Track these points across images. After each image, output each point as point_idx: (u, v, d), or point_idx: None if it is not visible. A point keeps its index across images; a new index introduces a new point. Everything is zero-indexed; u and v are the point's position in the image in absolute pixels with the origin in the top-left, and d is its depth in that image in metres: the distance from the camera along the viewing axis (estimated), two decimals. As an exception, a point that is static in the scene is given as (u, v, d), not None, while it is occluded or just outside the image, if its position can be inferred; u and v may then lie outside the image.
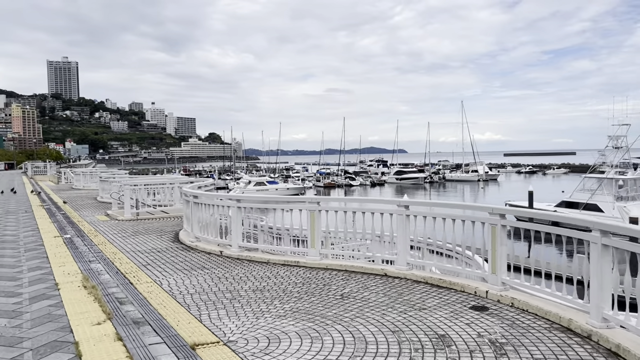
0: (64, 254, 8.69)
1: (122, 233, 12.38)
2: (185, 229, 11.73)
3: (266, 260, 8.68)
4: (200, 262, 8.79)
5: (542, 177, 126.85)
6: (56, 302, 5.82)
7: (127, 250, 9.96)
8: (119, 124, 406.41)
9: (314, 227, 8.28)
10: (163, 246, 10.51)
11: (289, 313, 5.85)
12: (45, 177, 45.79)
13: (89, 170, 34.30)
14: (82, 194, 25.95)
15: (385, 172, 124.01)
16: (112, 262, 8.68)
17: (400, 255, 7.47)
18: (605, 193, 42.32)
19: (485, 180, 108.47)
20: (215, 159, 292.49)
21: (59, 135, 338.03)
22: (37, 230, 11.71)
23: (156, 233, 12.38)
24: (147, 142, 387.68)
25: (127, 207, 15.39)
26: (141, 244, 10.82)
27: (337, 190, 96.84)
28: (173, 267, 8.42)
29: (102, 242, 10.85)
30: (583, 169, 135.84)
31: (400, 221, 7.41)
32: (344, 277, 7.52)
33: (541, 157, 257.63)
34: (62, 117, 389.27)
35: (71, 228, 12.75)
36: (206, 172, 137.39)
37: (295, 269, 8.09)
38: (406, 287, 6.85)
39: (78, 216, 15.84)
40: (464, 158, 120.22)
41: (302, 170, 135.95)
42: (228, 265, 8.50)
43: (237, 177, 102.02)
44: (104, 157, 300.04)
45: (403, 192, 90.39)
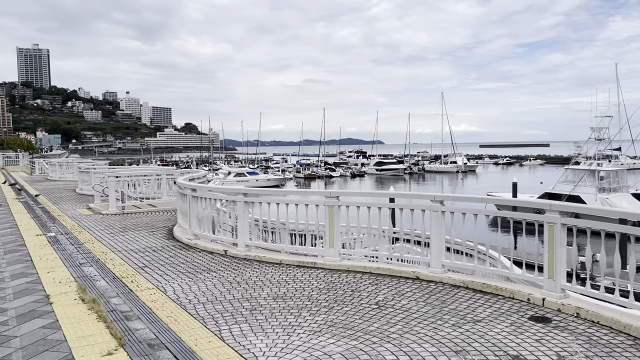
0: (51, 256, 7.66)
1: (109, 229, 11.36)
2: (180, 225, 10.78)
3: (278, 261, 7.83)
4: (203, 264, 7.90)
5: (519, 168, 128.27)
6: (51, 321, 4.81)
7: (119, 250, 8.99)
8: (93, 114, 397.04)
9: (332, 224, 7.46)
10: (158, 244, 9.56)
11: (324, 327, 5.03)
12: (17, 167, 43.79)
13: (65, 161, 32.74)
14: (59, 185, 24.56)
15: (365, 163, 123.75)
16: (105, 264, 7.72)
17: (434, 256, 6.71)
18: (587, 185, 42.54)
19: (464, 171, 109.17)
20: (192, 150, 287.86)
21: (30, 125, 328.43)
22: (16, 227, 10.58)
23: (147, 229, 11.39)
24: (122, 132, 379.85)
25: (112, 201, 14.30)
26: (133, 241, 9.84)
27: (317, 182, 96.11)
28: (174, 270, 7.51)
29: (89, 240, 9.83)
30: (558, 160, 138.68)
31: (435, 218, 6.64)
32: (371, 281, 6.73)
33: (516, 148, 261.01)
34: (32, 106, 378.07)
35: (53, 224, 11.65)
36: (183, 162, 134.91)
37: (314, 272, 7.27)
38: (446, 294, 6.10)
39: (58, 210, 14.69)
40: (443, 149, 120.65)
41: (282, 161, 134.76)
42: (236, 267, 7.63)
43: (216, 168, 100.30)
44: (77, 147, 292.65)
45: (383, 183, 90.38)
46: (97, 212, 14.47)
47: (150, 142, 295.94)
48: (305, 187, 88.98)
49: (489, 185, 78.73)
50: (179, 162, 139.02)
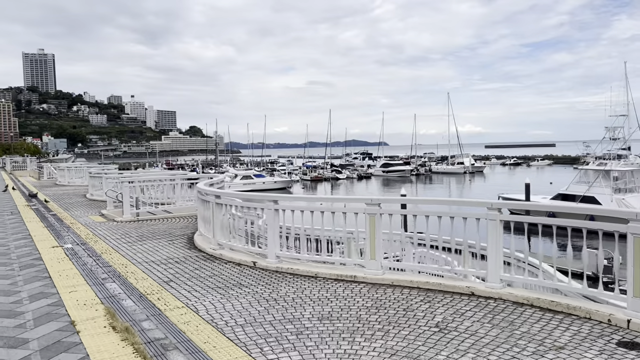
0: (70, 271, 7.06)
1: (125, 238, 10.79)
2: (201, 233, 10.20)
3: (313, 274, 7.22)
4: (233, 277, 7.30)
5: (527, 168, 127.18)
6: (80, 356, 4.18)
7: (139, 261, 8.41)
8: (98, 118, 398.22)
9: (374, 233, 6.85)
10: (179, 255, 8.98)
11: (387, 357, 4.42)
12: (25, 172, 43.42)
13: (74, 165, 32.26)
14: (68, 190, 24.08)
15: (371, 164, 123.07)
16: (127, 279, 7.13)
17: (491, 270, 6.09)
18: (602, 185, 41.76)
19: (471, 172, 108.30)
20: (197, 153, 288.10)
21: (36, 129, 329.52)
22: (30, 237, 10.01)
23: (165, 237, 10.81)
24: (127, 135, 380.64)
25: (126, 207, 13.74)
26: (152, 252, 9.26)
27: (324, 184, 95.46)
28: (202, 285, 6.92)
29: (107, 251, 9.26)
30: (566, 160, 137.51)
31: (492, 227, 6.02)
32: (422, 298, 6.12)
33: (522, 148, 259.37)
34: (38, 111, 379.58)
35: (67, 233, 11.08)
36: (189, 165, 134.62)
37: (355, 287, 6.66)
38: (511, 313, 5.47)
39: (70, 217, 14.15)
40: (449, 150, 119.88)
41: (287, 163, 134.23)
42: (269, 281, 7.03)
43: (222, 171, 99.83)
44: (83, 151, 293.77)
45: (390, 185, 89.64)
46: (110, 219, 13.92)
47: (155, 145, 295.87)
48: (312, 189, 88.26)
49: (498, 186, 77.79)
50: (184, 165, 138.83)
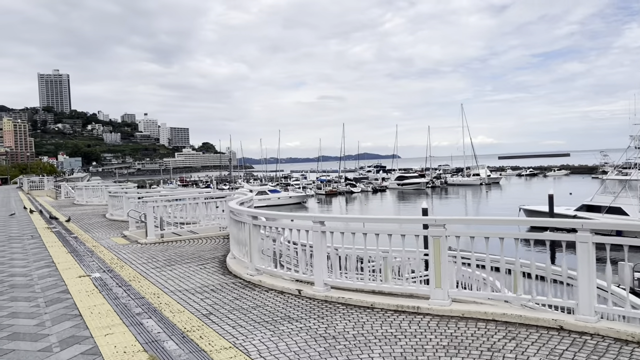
0: (102, 307, 6.32)
1: (153, 262, 10.11)
2: (234, 256, 9.49)
3: (369, 305, 6.45)
4: (279, 308, 6.56)
5: (543, 179, 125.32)
6: None
7: (172, 290, 7.70)
8: (112, 136, 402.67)
9: (439, 258, 6.08)
10: (214, 282, 8.26)
11: (493, 416, 3.63)
12: (42, 192, 43.23)
13: (91, 184, 31.89)
14: (87, 210, 23.58)
15: (385, 177, 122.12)
16: (162, 312, 6.42)
17: (584, 300, 5.28)
18: (629, 195, 40.53)
19: (487, 184, 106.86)
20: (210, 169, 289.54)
21: (52, 149, 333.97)
22: (53, 264, 9.36)
23: (195, 261, 10.12)
24: (141, 153, 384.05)
25: (150, 228, 13.10)
26: (184, 278, 8.56)
27: (339, 198, 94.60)
28: (247, 318, 6.18)
29: (135, 278, 8.57)
30: (583, 170, 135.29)
31: (584, 250, 5.23)
32: (503, 333, 5.31)
33: (536, 159, 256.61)
34: (54, 130, 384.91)
35: (91, 258, 10.43)
36: (203, 182, 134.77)
37: (421, 320, 5.88)
38: (619, 355, 4.65)
39: (92, 240, 13.53)
40: (464, 162, 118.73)
41: (301, 178, 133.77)
42: (320, 313, 6.27)
43: (236, 187, 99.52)
44: (98, 169, 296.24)
45: (405, 198, 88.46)
46: (133, 241, 13.29)
47: (169, 162, 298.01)
48: (327, 204, 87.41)
49: (516, 197, 76.23)
50: (198, 181, 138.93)
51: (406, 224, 6.59)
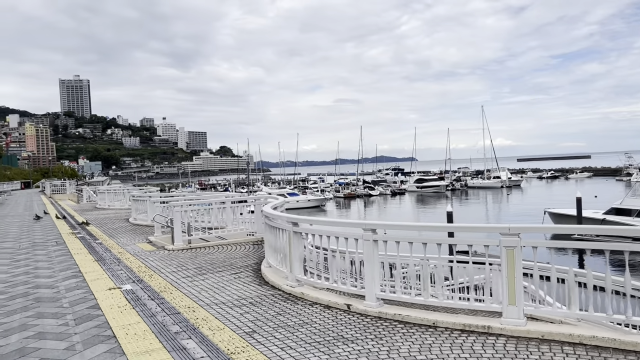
0: (137, 326, 5.64)
1: (183, 271, 9.54)
2: (270, 265, 8.88)
3: (431, 323, 5.76)
4: (329, 326, 5.90)
5: (565, 181, 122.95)
6: None
7: (208, 303, 7.10)
8: (131, 140, 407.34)
9: (512, 271, 5.37)
10: (252, 293, 7.64)
11: None
12: (64, 195, 43.30)
13: (113, 188, 31.66)
14: (109, 214, 23.25)
15: (404, 180, 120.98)
16: (200, 330, 5.81)
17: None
18: (662, 198, 39.11)
19: (508, 186, 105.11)
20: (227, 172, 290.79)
21: (72, 153, 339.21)
22: (81, 274, 8.82)
23: (227, 270, 9.52)
24: (159, 157, 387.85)
25: (177, 234, 12.56)
26: (219, 289, 7.96)
27: (357, 201, 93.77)
28: (295, 338, 5.54)
29: (166, 289, 8.00)
30: (606, 172, 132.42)
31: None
32: None
33: (555, 161, 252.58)
34: (74, 135, 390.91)
35: (118, 266, 9.90)
36: (221, 185, 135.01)
37: (494, 342, 5.17)
38: None
39: (117, 245, 13.06)
40: (485, 164, 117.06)
41: (319, 181, 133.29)
42: (377, 333, 5.60)
43: (254, 190, 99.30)
44: (117, 173, 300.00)
45: (425, 202, 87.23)
46: (160, 247, 12.78)
47: (187, 166, 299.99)
48: (345, 207, 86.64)
49: (538, 200, 74.57)
50: (217, 185, 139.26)
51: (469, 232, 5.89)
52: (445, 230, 5.83)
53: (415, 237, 6.02)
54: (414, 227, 6.04)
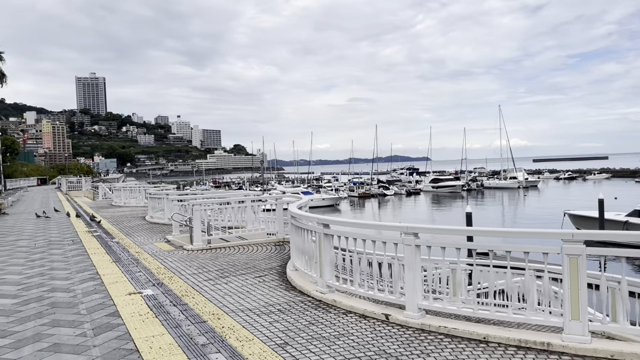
0: (161, 338, 5.06)
1: (204, 273, 9.09)
2: (296, 268, 8.39)
3: (482, 337, 5.22)
4: (368, 339, 5.39)
5: (583, 182, 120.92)
6: None
7: (233, 310, 6.62)
8: (146, 138, 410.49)
9: (576, 282, 4.82)
10: (279, 299, 7.16)
11: None
12: (80, 192, 43.30)
13: (129, 186, 31.46)
14: (125, 212, 22.97)
15: (419, 180, 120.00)
16: (227, 340, 5.34)
17: None
18: (689, 201, 38.01)
19: (525, 187, 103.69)
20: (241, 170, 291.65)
21: (88, 150, 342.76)
22: (99, 277, 8.39)
23: (251, 272, 9.06)
24: (174, 154, 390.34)
25: (197, 234, 12.14)
26: (243, 294, 7.48)
27: (371, 201, 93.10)
28: (332, 352, 5.03)
29: (188, 292, 7.55)
30: (625, 173, 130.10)
31: None
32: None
33: (572, 162, 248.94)
34: (90, 132, 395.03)
35: (137, 267, 9.49)
36: (235, 183, 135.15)
37: (558, 361, 4.63)
38: None
39: (134, 245, 12.67)
40: (502, 164, 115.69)
41: (333, 180, 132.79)
42: (422, 347, 5.08)
43: (268, 189, 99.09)
44: (132, 170, 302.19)
45: (441, 202, 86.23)
46: (178, 246, 12.37)
47: (201, 164, 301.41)
48: (359, 206, 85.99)
49: (556, 202, 73.21)
50: (231, 183, 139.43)
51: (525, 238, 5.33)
52: (498, 236, 5.27)
53: (462, 243, 5.48)
54: (461, 231, 5.49)
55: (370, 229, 6.49)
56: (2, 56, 39.45)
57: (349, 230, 6.88)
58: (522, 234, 5.14)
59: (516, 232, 5.21)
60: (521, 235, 5.10)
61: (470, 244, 5.34)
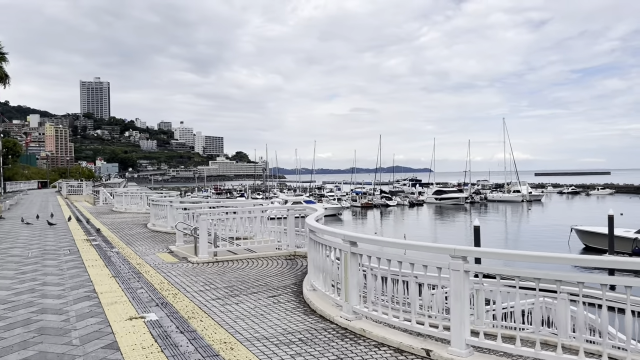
0: None
1: (211, 290, 8.26)
2: (314, 288, 7.56)
3: (547, 384, 4.38)
4: (410, 382, 4.56)
5: (586, 198, 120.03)
6: None
7: (247, 337, 5.79)
8: (148, 143, 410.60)
9: None
10: (298, 325, 6.31)
11: None
12: (80, 197, 42.50)
13: (130, 191, 30.67)
14: (126, 219, 22.15)
15: (422, 191, 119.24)
16: (246, 380, 4.51)
17: None
18: (700, 218, 37.18)
19: (529, 201, 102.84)
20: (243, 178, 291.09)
21: (90, 154, 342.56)
22: (95, 295, 7.50)
23: (263, 290, 8.22)
24: (176, 160, 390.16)
25: (203, 245, 11.31)
26: (257, 317, 6.64)
27: (374, 211, 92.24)
28: (371, 399, 4.20)
29: (195, 314, 6.71)
30: (629, 189, 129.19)
31: None
32: None
33: (574, 176, 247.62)
34: (93, 136, 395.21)
35: (138, 282, 8.65)
36: (237, 190, 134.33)
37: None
38: None
39: (135, 255, 11.84)
40: (505, 177, 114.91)
41: (335, 189, 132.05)
42: (478, 396, 4.24)
43: (269, 197, 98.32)
44: (133, 175, 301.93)
45: (444, 214, 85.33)
46: (182, 258, 11.54)
47: (203, 170, 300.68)
48: (362, 216, 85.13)
49: (561, 216, 72.34)
50: (232, 190, 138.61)
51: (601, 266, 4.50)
52: (569, 263, 4.45)
53: (524, 272, 4.65)
54: (522, 256, 4.65)
55: (408, 250, 5.66)
56: (6, 57, 38.79)
57: (381, 250, 6.05)
58: (603, 262, 4.30)
59: (593, 260, 4.36)
60: (601, 264, 4.27)
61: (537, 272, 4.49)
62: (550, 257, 4.33)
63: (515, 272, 4.67)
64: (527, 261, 4.54)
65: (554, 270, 4.50)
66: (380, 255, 6.00)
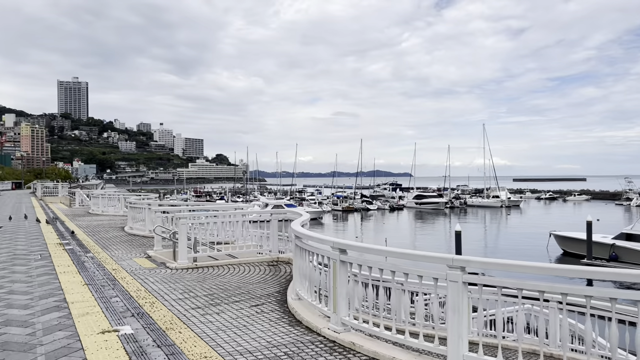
0: None
1: (190, 298, 7.84)
2: (299, 297, 7.20)
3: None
4: (406, 402, 4.24)
5: (563, 203, 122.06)
6: None
7: (229, 352, 5.41)
8: (127, 144, 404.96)
9: None
10: (283, 338, 5.95)
11: None
12: (56, 198, 41.35)
13: (108, 193, 29.87)
14: (103, 221, 21.48)
15: (402, 196, 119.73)
16: (228, 401, 4.13)
17: None
18: (674, 224, 37.98)
19: (508, 206, 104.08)
20: (223, 180, 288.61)
21: (67, 155, 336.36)
22: (66, 305, 6.99)
23: (245, 299, 7.83)
24: (155, 162, 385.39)
25: (182, 250, 10.85)
26: (240, 329, 6.26)
27: (354, 215, 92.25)
28: (366, 422, 3.87)
29: (173, 325, 6.30)
30: (605, 195, 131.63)
31: None
32: None
33: (551, 182, 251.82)
34: (70, 137, 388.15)
35: (113, 289, 8.17)
36: (217, 193, 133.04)
37: None
38: None
39: (111, 260, 11.33)
40: (484, 183, 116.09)
41: (316, 193, 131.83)
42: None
43: (250, 200, 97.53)
44: (112, 177, 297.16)
45: (423, 218, 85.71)
46: (160, 264, 11.07)
47: (182, 172, 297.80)
48: (343, 220, 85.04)
49: (539, 222, 73.32)
50: (212, 192, 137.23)
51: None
52: (581, 276, 4.16)
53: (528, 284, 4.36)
54: (533, 268, 4.34)
55: (401, 259, 5.34)
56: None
57: (374, 259, 5.73)
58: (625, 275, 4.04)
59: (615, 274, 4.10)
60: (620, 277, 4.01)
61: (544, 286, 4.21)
62: (557, 268, 4.05)
63: (519, 285, 4.39)
64: (529, 273, 4.26)
65: (560, 283, 4.23)
66: (373, 265, 5.67)
